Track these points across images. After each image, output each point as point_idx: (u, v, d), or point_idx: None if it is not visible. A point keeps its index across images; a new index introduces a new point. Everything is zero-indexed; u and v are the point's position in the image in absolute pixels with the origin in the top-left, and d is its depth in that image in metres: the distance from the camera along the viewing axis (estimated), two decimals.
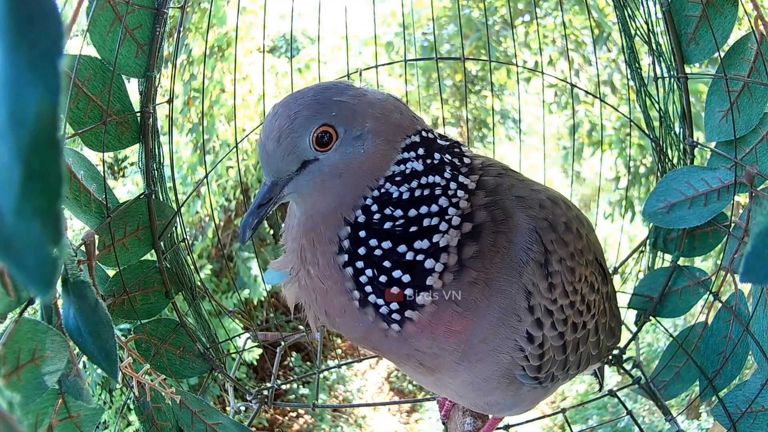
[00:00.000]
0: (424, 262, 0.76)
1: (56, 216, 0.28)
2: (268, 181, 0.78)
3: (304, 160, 0.76)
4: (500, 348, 0.85)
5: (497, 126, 4.54)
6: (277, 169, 0.77)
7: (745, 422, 1.04)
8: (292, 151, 0.75)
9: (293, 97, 0.77)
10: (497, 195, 0.83)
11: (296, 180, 0.77)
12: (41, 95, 0.28)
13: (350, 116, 0.75)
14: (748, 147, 1.09)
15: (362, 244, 0.77)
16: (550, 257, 0.84)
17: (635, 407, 3.45)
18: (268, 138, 0.75)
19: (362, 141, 0.76)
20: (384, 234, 0.77)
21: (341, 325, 0.84)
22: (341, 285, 0.79)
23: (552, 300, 0.85)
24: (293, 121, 0.74)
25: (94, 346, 0.79)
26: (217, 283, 4.12)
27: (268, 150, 0.76)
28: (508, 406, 1.02)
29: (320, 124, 0.74)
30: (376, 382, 4.87)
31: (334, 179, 0.77)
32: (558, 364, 0.93)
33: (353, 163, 0.76)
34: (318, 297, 0.82)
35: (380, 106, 0.78)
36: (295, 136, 0.74)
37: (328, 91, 0.77)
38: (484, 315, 0.81)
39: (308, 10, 3.86)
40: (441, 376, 0.89)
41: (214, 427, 1.04)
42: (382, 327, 0.80)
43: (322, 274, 0.80)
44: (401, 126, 0.79)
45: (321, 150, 0.75)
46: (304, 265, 0.82)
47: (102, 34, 1.05)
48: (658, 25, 1.19)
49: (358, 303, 0.79)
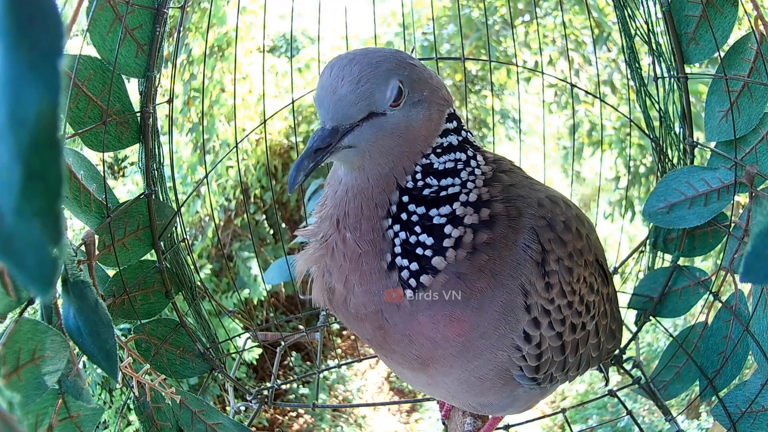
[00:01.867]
0: (444, 227, 0.79)
1: (56, 216, 0.28)
2: (329, 125, 0.74)
3: (371, 112, 0.75)
4: (498, 345, 0.85)
5: (497, 126, 4.53)
6: (343, 114, 0.74)
7: (745, 422, 1.04)
8: (367, 98, 0.73)
9: (369, 49, 0.78)
10: (510, 192, 0.85)
11: (358, 131, 0.75)
12: (41, 95, 0.28)
13: (417, 80, 0.77)
14: (748, 147, 1.09)
15: (404, 210, 0.79)
16: (547, 256, 0.84)
17: (635, 407, 3.45)
18: (343, 79, 0.73)
19: (421, 106, 0.78)
20: (422, 200, 0.79)
21: (356, 296, 0.82)
22: (378, 249, 0.80)
23: (549, 300, 0.85)
24: (376, 68, 0.74)
25: (94, 346, 0.79)
26: (217, 283, 4.12)
27: (341, 92, 0.73)
28: (502, 407, 1.02)
29: (398, 78, 0.75)
30: (376, 382, 4.87)
31: (394, 138, 0.77)
32: (557, 365, 0.92)
33: (414, 125, 0.78)
34: (345, 263, 0.81)
35: (436, 79, 0.82)
36: (375, 82, 0.73)
37: (402, 53, 0.79)
38: (486, 308, 0.81)
39: (308, 10, 3.86)
40: (434, 373, 0.88)
41: (214, 427, 1.04)
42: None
43: (363, 239, 0.80)
44: (448, 101, 0.83)
45: (392, 105, 0.75)
46: (341, 231, 0.81)
47: (102, 34, 1.05)
48: (658, 25, 1.19)
49: (387, 266, 0.80)
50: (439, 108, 0.81)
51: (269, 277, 1.71)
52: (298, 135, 4.37)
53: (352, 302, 0.83)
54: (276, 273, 1.69)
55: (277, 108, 1.67)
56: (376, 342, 0.88)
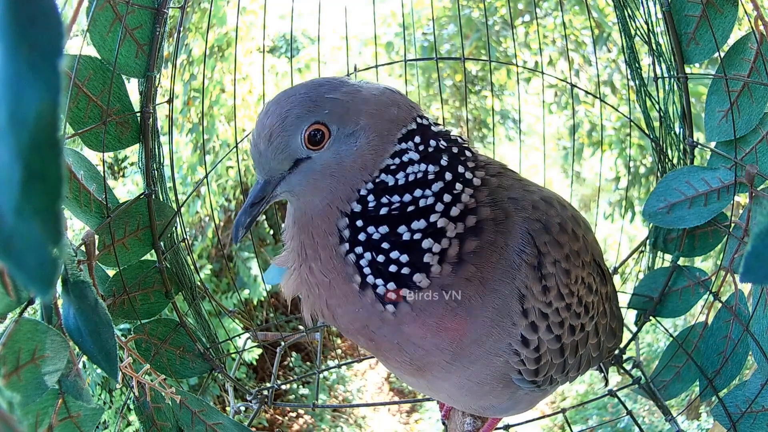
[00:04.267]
0: (422, 242, 0.76)
1: (56, 216, 0.28)
2: (261, 179, 0.78)
3: (297, 159, 0.75)
4: (494, 351, 0.84)
5: (497, 126, 4.54)
6: (269, 168, 0.76)
7: (745, 422, 1.04)
8: (284, 150, 0.74)
9: (285, 94, 0.76)
10: (498, 195, 0.83)
11: (289, 179, 0.77)
12: (41, 95, 0.28)
13: (343, 114, 0.74)
14: (748, 147, 1.09)
15: (361, 231, 0.77)
16: (543, 260, 0.83)
17: (635, 407, 3.45)
18: (260, 137, 0.75)
19: (355, 138, 0.75)
20: (381, 219, 0.76)
21: (341, 316, 0.83)
22: (343, 273, 0.79)
23: (547, 303, 0.84)
24: (284, 120, 0.73)
25: (94, 346, 0.79)
26: (217, 283, 4.12)
27: (260, 149, 0.75)
28: (503, 410, 1.01)
29: (312, 123, 0.73)
30: (376, 382, 4.87)
31: (326, 178, 0.76)
32: (556, 367, 0.92)
33: (346, 161, 0.76)
34: (320, 290, 0.82)
35: (375, 101, 0.77)
36: (286, 134, 0.73)
37: (320, 88, 0.76)
38: (477, 315, 0.80)
39: (308, 10, 3.86)
40: (432, 378, 0.88)
41: (214, 427, 1.04)
42: (378, 309, 0.79)
43: (325, 268, 0.80)
44: (397, 120, 0.78)
45: (313, 148, 0.74)
46: (306, 261, 0.81)
47: (102, 34, 1.05)
48: (658, 25, 1.19)
49: (358, 287, 0.79)
50: (382, 132, 0.77)
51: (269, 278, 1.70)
52: None
53: (338, 320, 0.85)
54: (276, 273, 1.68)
55: None
56: (371, 350, 0.89)
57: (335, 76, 0.82)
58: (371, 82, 0.82)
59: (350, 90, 0.76)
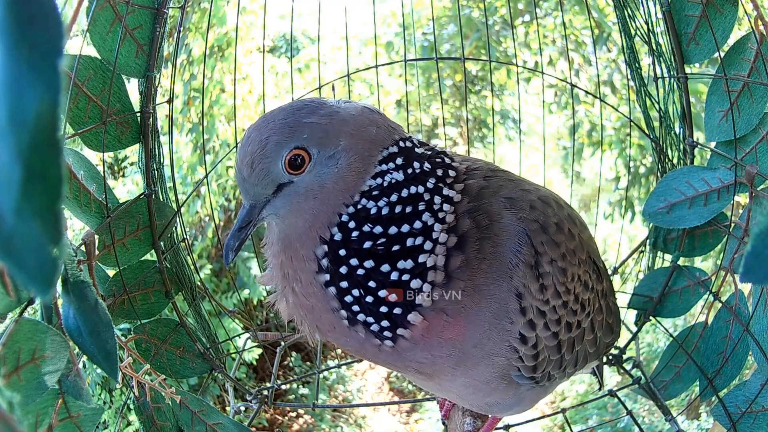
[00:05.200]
0: (410, 282, 0.76)
1: (56, 216, 0.28)
2: (247, 204, 0.79)
3: (280, 183, 0.76)
4: (494, 351, 0.85)
5: (497, 126, 4.53)
6: (253, 193, 0.77)
7: (745, 422, 1.04)
8: (266, 176, 0.75)
9: (264, 120, 0.77)
10: (482, 199, 0.82)
11: (273, 202, 0.78)
12: (41, 95, 0.28)
13: (323, 137, 0.75)
14: (748, 147, 1.09)
15: (343, 263, 0.76)
16: (540, 259, 0.83)
17: (635, 407, 3.45)
18: (243, 163, 0.76)
19: (335, 160, 0.75)
20: (365, 253, 0.76)
21: (334, 340, 0.84)
22: (326, 303, 0.79)
23: (544, 301, 0.85)
24: (264, 147, 0.74)
25: (94, 346, 0.79)
26: (217, 283, 4.12)
27: (244, 175, 0.76)
28: (508, 406, 1.02)
29: (291, 148, 0.74)
30: (376, 382, 4.87)
31: (309, 200, 0.77)
32: (554, 363, 0.93)
33: (327, 183, 0.76)
34: (306, 313, 0.83)
35: (354, 122, 0.77)
36: (267, 161, 0.74)
37: (299, 113, 0.76)
38: (474, 321, 0.81)
39: (308, 10, 3.86)
40: (440, 381, 0.89)
41: (214, 427, 1.04)
42: (374, 343, 0.80)
43: (306, 291, 0.80)
44: (377, 140, 0.78)
45: (294, 173, 0.75)
46: (288, 281, 0.82)
47: (102, 34, 1.05)
48: (658, 25, 1.19)
49: (347, 321, 0.79)
50: (363, 153, 0.77)
51: None
52: None
53: (335, 342, 0.86)
54: None
55: None
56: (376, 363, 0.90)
57: (313, 98, 0.83)
58: (350, 102, 0.81)
59: (329, 112, 0.76)
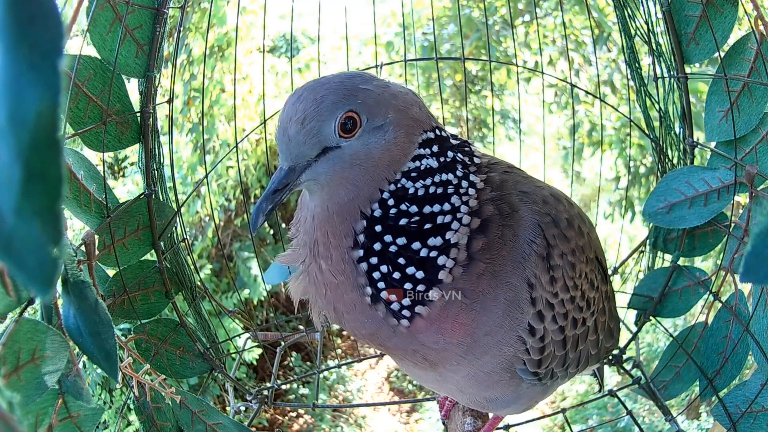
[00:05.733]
0: (437, 259, 0.77)
1: (56, 216, 0.28)
2: (285, 165, 0.76)
3: (325, 147, 0.74)
4: (504, 341, 0.85)
5: (497, 126, 4.53)
6: (297, 153, 0.75)
7: (745, 422, 1.04)
8: (315, 135, 0.73)
9: (318, 82, 0.76)
10: (503, 190, 0.84)
11: (315, 167, 0.75)
12: (41, 95, 0.28)
13: (374, 105, 0.75)
14: (748, 147, 1.09)
15: (378, 240, 0.77)
16: (552, 251, 0.84)
17: (635, 407, 3.45)
18: (291, 120, 0.74)
19: (383, 131, 0.76)
20: (399, 230, 0.76)
21: (349, 322, 0.83)
22: (353, 280, 0.78)
23: (553, 293, 0.86)
24: (320, 104, 0.73)
25: (94, 346, 0.79)
26: (217, 283, 4.12)
27: (290, 133, 0.74)
28: (507, 402, 1.02)
29: (346, 110, 0.73)
30: (376, 382, 4.87)
31: (353, 168, 0.76)
32: (558, 359, 0.93)
33: (374, 153, 0.76)
34: (328, 292, 0.81)
35: (402, 98, 0.78)
36: (320, 119, 0.73)
37: (354, 79, 0.76)
38: (489, 307, 0.81)
39: (308, 10, 3.86)
40: (444, 371, 0.89)
41: (214, 427, 1.04)
42: (391, 323, 0.79)
43: (335, 269, 0.79)
44: (420, 120, 0.79)
45: (345, 136, 0.74)
46: (316, 259, 0.80)
47: (102, 34, 1.05)
48: (658, 25, 1.19)
49: (370, 299, 0.78)
50: (408, 130, 0.78)
51: (269, 278, 1.70)
52: None
53: (347, 325, 0.84)
54: (276, 273, 1.68)
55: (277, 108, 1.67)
56: (384, 350, 0.90)
57: (364, 71, 0.83)
58: (395, 81, 0.83)
59: (381, 84, 0.78)
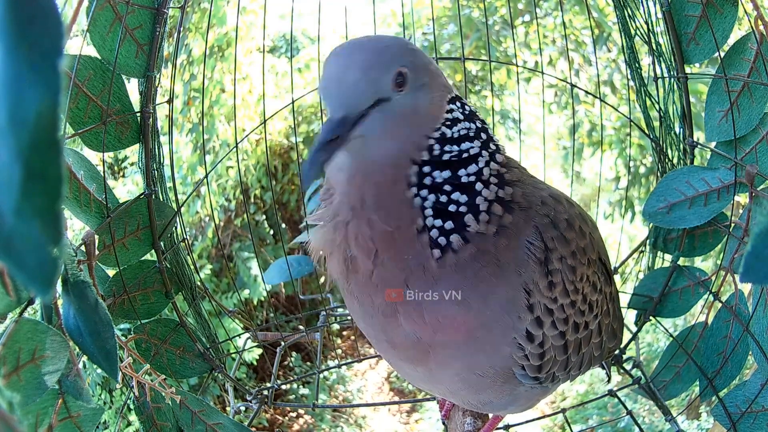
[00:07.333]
0: (475, 185, 0.80)
1: (56, 216, 0.28)
2: (338, 115, 0.73)
3: (379, 98, 0.75)
4: (500, 340, 0.84)
5: (497, 126, 4.53)
6: (353, 102, 0.74)
7: (745, 422, 1.04)
8: (375, 83, 0.74)
9: (372, 37, 0.83)
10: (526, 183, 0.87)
11: (368, 120, 0.75)
12: (41, 95, 0.28)
13: (419, 66, 0.79)
14: (748, 147, 1.09)
15: (427, 176, 0.80)
16: (550, 255, 0.83)
17: (635, 407, 3.45)
18: (350, 68, 0.74)
19: (426, 90, 0.80)
20: (444, 164, 0.80)
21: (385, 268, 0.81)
22: (409, 219, 0.79)
23: (552, 299, 0.85)
24: (381, 54, 0.76)
25: (94, 346, 0.79)
26: (217, 283, 4.12)
27: (349, 80, 0.73)
28: (502, 405, 1.01)
29: (402, 64, 0.76)
30: (376, 382, 4.87)
31: (403, 121, 0.78)
32: (559, 364, 0.92)
33: (420, 108, 0.79)
34: (374, 245, 0.80)
35: (434, 66, 0.84)
36: (381, 69, 0.75)
37: (402, 40, 0.83)
38: (484, 310, 0.81)
39: (308, 10, 3.86)
40: (434, 366, 0.87)
41: (214, 427, 1.04)
42: (426, 255, 0.79)
43: (390, 217, 0.79)
44: (447, 87, 0.85)
45: (397, 90, 0.76)
46: (362, 216, 0.80)
47: (102, 34, 1.05)
48: (658, 25, 1.19)
49: (418, 229, 0.79)
50: (440, 93, 0.83)
51: (269, 277, 1.70)
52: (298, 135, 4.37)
53: (377, 275, 0.81)
54: (276, 273, 1.68)
55: (277, 108, 1.67)
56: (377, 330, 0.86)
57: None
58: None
59: (417, 49, 0.83)
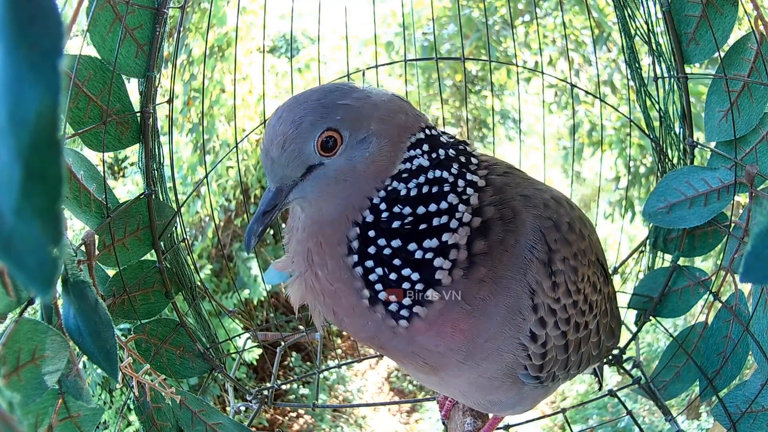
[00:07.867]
0: (434, 260, 0.76)
1: (56, 216, 0.28)
2: (273, 187, 0.77)
3: (309, 165, 0.75)
4: (504, 347, 0.85)
5: (497, 126, 4.54)
6: (281, 175, 0.75)
7: (745, 422, 1.04)
8: (297, 157, 0.74)
9: (296, 100, 0.76)
10: (504, 193, 0.83)
11: (301, 186, 0.76)
12: (41, 95, 0.28)
13: (355, 120, 0.74)
14: (748, 147, 1.09)
15: (371, 243, 0.76)
16: (553, 256, 0.84)
17: (635, 407, 3.45)
18: (272, 144, 0.74)
19: (367, 144, 0.75)
20: (393, 232, 0.76)
21: (349, 325, 0.84)
22: (350, 285, 0.78)
23: (555, 299, 0.85)
24: (298, 126, 0.73)
25: (94, 346, 0.79)
26: (217, 283, 4.12)
27: (273, 156, 0.74)
28: (510, 405, 1.02)
29: (325, 129, 0.73)
30: (376, 382, 4.87)
31: (339, 184, 0.76)
32: (560, 363, 0.93)
33: (359, 167, 0.76)
34: (326, 298, 0.82)
35: (385, 108, 0.77)
36: (300, 141, 0.73)
37: (332, 94, 0.76)
38: (490, 314, 0.81)
39: (308, 10, 3.86)
40: (445, 376, 0.89)
41: (214, 427, 1.04)
42: (390, 324, 0.79)
43: (332, 276, 0.79)
44: (406, 126, 0.79)
45: (326, 155, 0.74)
46: (312, 267, 0.81)
47: (102, 34, 1.05)
48: (658, 25, 1.19)
49: (368, 302, 0.78)
50: (393, 138, 0.77)
51: (269, 278, 1.70)
52: None
53: (347, 328, 0.85)
54: (276, 273, 1.68)
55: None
56: (385, 352, 0.90)
57: (344, 82, 0.82)
58: (379, 89, 0.82)
59: (361, 96, 0.76)
